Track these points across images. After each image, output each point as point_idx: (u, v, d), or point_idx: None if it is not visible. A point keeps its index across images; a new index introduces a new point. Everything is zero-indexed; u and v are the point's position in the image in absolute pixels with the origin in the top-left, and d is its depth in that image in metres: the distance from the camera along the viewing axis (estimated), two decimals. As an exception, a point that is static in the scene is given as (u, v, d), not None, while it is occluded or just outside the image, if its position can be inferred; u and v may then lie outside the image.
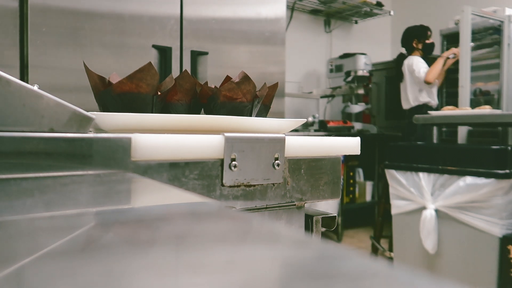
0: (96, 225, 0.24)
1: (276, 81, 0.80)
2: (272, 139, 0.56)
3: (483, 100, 3.27)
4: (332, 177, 0.64)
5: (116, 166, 0.44)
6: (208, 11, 1.82)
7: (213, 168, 0.52)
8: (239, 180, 0.54)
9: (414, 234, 2.03)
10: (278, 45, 2.03)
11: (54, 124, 0.42)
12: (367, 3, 3.82)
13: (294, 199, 0.60)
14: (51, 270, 0.16)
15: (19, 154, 0.39)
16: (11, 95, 0.39)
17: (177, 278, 0.16)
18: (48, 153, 0.40)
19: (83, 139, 0.42)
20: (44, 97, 0.42)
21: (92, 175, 0.42)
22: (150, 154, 0.47)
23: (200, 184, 0.51)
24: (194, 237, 0.22)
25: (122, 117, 0.56)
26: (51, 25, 1.46)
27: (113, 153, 0.44)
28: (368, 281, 0.16)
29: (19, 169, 0.39)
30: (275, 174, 0.57)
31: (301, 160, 0.61)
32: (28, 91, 0.41)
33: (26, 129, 0.41)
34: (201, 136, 0.51)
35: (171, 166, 0.49)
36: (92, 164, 0.43)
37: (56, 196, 0.34)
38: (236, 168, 0.53)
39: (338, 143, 0.64)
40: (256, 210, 0.57)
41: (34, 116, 0.41)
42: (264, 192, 0.57)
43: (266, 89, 0.70)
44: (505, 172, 1.73)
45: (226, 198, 0.53)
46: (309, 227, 0.64)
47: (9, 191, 0.34)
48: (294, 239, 0.23)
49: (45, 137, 0.41)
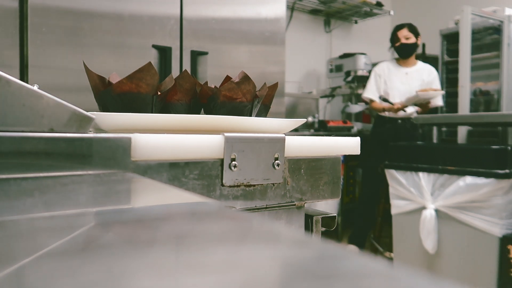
0: (96, 225, 0.24)
1: (276, 81, 0.80)
2: (272, 139, 0.56)
3: (483, 100, 3.27)
4: (332, 177, 0.64)
5: (116, 166, 0.44)
6: (208, 11, 1.82)
7: (213, 168, 0.52)
8: (239, 180, 0.54)
9: (414, 234, 2.04)
10: (278, 45, 2.03)
11: (54, 124, 0.42)
12: (367, 3, 3.82)
13: (294, 199, 0.60)
14: (51, 270, 0.16)
15: (19, 154, 0.39)
16: (11, 95, 0.39)
17: (177, 278, 0.16)
18: (48, 153, 0.40)
19: (83, 139, 0.42)
20: (44, 97, 0.42)
21: (92, 175, 0.42)
22: (150, 154, 0.47)
23: (200, 184, 0.51)
24: (194, 237, 0.22)
25: (122, 117, 0.56)
26: (51, 25, 1.46)
27: (113, 153, 0.44)
28: (368, 281, 0.16)
29: (19, 169, 0.39)
30: (275, 174, 0.57)
31: (301, 160, 0.61)
32: (28, 91, 0.41)
33: (26, 129, 0.41)
34: (201, 136, 0.51)
35: (171, 166, 0.49)
36: (92, 164, 0.43)
37: (56, 196, 0.34)
38: (236, 168, 0.53)
39: (338, 143, 0.64)
40: (256, 210, 0.57)
41: (34, 116, 0.41)
42: (264, 192, 0.57)
43: (266, 89, 0.70)
44: (505, 172, 1.73)
45: (226, 198, 0.53)
46: (309, 227, 0.64)
47: (9, 191, 0.34)
48: (294, 239, 0.23)
49: (45, 137, 0.41)
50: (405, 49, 2.85)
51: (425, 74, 2.87)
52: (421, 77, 2.86)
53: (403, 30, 2.86)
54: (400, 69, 2.90)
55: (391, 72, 2.91)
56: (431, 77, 2.88)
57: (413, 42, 2.84)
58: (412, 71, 2.88)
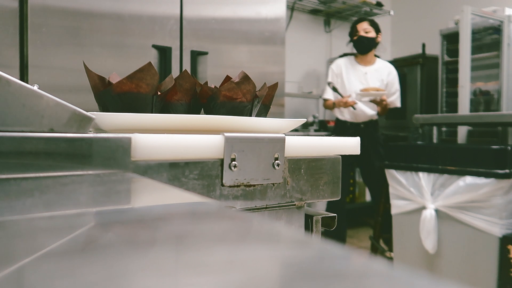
0: (96, 225, 0.24)
1: (276, 81, 0.80)
2: (272, 139, 0.56)
3: (483, 100, 3.27)
4: (332, 177, 0.64)
5: (116, 166, 0.44)
6: (208, 11, 1.82)
7: (213, 168, 0.52)
8: (239, 180, 0.54)
9: (414, 234, 2.04)
10: (278, 45, 2.03)
11: (54, 124, 0.42)
12: (367, 3, 3.82)
13: (294, 199, 0.60)
14: (51, 270, 0.16)
15: (19, 154, 0.39)
16: (11, 95, 0.39)
17: (177, 278, 0.16)
18: (48, 153, 0.40)
19: (83, 139, 0.42)
20: (44, 97, 0.42)
21: (92, 175, 0.42)
22: (150, 154, 0.47)
23: (200, 184, 0.51)
24: (194, 237, 0.22)
25: (122, 117, 0.56)
26: (51, 25, 1.46)
27: (113, 153, 0.44)
28: (368, 281, 0.16)
29: (19, 169, 0.39)
30: (275, 174, 0.57)
31: (301, 160, 0.61)
32: (28, 91, 0.41)
33: (26, 129, 0.41)
34: (201, 136, 0.51)
35: (171, 166, 0.49)
36: (92, 164, 0.43)
37: (56, 196, 0.34)
38: (236, 168, 0.53)
39: (338, 143, 0.64)
40: (256, 210, 0.57)
41: (34, 116, 0.41)
42: (264, 192, 0.57)
43: (266, 89, 0.70)
44: (505, 172, 1.73)
45: (226, 198, 0.53)
46: (309, 227, 0.64)
47: (9, 191, 0.34)
48: (294, 239, 0.23)
49: (45, 137, 0.41)
50: (364, 43, 2.66)
51: (385, 74, 2.74)
52: (381, 76, 2.73)
53: (363, 23, 2.69)
54: (358, 68, 2.74)
55: (348, 70, 2.74)
56: (390, 77, 2.75)
57: (372, 36, 2.67)
58: (371, 71, 2.73)
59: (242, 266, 0.18)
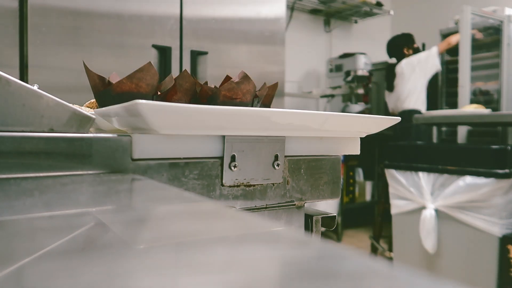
0: (96, 225, 0.24)
1: (275, 81, 0.80)
2: (272, 138, 0.56)
3: (483, 100, 3.27)
4: (332, 177, 0.64)
5: (116, 166, 0.44)
6: (208, 11, 1.82)
7: (213, 168, 0.52)
8: (239, 180, 0.54)
9: (413, 234, 2.04)
10: (278, 45, 2.03)
11: (54, 124, 0.42)
12: (367, 3, 3.82)
13: (294, 198, 0.60)
14: (51, 270, 0.16)
15: (19, 154, 0.39)
16: (11, 95, 0.39)
17: (177, 278, 0.16)
18: (48, 153, 0.40)
19: (83, 139, 0.42)
20: (44, 97, 0.42)
21: (92, 175, 0.42)
22: (150, 154, 0.47)
23: (200, 184, 0.51)
24: (194, 237, 0.22)
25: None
26: (51, 25, 1.46)
27: (113, 153, 0.44)
28: (368, 281, 0.16)
29: (19, 169, 0.39)
30: (275, 173, 0.57)
31: (301, 160, 0.61)
32: (28, 91, 0.41)
33: (26, 129, 0.41)
34: (201, 136, 0.51)
35: (171, 166, 0.49)
36: (92, 164, 0.43)
37: (56, 196, 0.34)
38: (236, 168, 0.53)
39: (338, 143, 0.64)
40: (256, 210, 0.57)
41: (34, 116, 0.41)
42: (264, 192, 0.57)
43: (266, 89, 0.70)
44: (504, 171, 1.73)
45: (226, 198, 0.53)
46: (309, 227, 0.64)
47: (9, 191, 0.34)
48: (294, 239, 0.23)
49: (45, 137, 0.41)
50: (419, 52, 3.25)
51: None
52: None
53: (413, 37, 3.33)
54: None
55: None
56: None
57: None
58: None
59: (242, 266, 0.18)
